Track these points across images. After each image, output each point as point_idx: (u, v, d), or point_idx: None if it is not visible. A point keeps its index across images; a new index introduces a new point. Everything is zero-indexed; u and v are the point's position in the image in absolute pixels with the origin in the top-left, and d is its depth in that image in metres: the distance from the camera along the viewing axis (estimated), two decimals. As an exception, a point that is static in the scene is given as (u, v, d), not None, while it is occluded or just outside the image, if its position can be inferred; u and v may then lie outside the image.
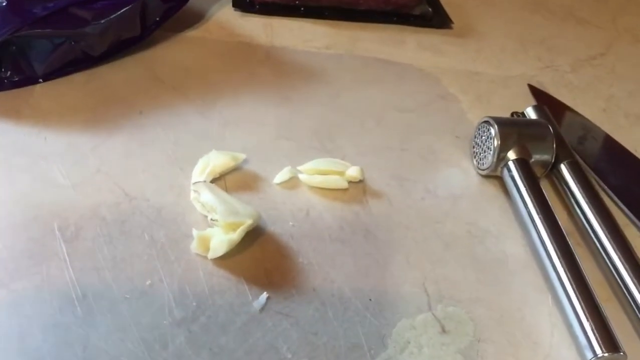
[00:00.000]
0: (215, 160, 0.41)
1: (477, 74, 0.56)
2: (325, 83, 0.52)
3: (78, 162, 0.41)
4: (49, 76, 0.46)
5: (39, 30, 0.44)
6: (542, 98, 0.54)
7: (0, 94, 0.44)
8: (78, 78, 0.47)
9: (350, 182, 0.43)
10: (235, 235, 0.36)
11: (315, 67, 0.54)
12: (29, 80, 0.45)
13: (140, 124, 0.45)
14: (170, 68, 0.50)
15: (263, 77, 0.51)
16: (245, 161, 0.43)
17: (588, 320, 0.35)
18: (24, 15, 0.43)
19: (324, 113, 0.49)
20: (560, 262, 0.37)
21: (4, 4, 0.42)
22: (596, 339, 0.34)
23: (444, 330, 0.35)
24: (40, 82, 0.46)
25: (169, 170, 0.41)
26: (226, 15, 0.58)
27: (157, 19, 0.51)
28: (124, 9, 0.47)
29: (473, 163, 0.46)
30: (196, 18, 0.56)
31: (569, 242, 0.38)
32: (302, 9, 0.60)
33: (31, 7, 0.43)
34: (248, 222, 0.36)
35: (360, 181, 0.43)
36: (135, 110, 0.46)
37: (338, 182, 0.42)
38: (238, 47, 0.54)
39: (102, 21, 0.46)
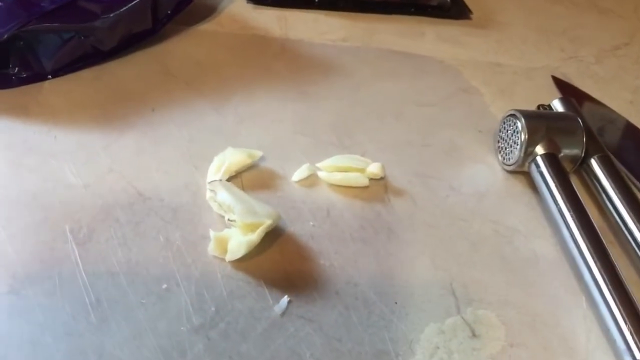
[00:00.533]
0: (231, 158, 0.39)
1: (499, 66, 0.54)
2: (342, 77, 0.50)
3: (89, 161, 0.39)
4: (57, 72, 0.45)
5: (47, 25, 0.42)
6: (567, 90, 0.52)
7: (8, 91, 0.43)
8: (87, 74, 0.46)
9: (371, 179, 0.41)
10: (255, 237, 0.34)
11: (331, 60, 0.52)
12: (37, 76, 0.44)
13: (153, 121, 0.43)
14: (182, 62, 0.49)
15: (278, 71, 0.50)
16: (262, 158, 0.41)
17: (626, 324, 0.33)
18: (31, 9, 0.41)
19: (342, 108, 0.47)
20: (595, 262, 0.36)
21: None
22: (635, 342, 0.32)
23: (474, 335, 0.33)
24: (48, 79, 0.44)
25: (183, 169, 0.40)
26: (239, 8, 0.56)
27: (169, 12, 0.49)
28: (135, 2, 0.45)
29: (498, 158, 0.44)
30: (208, 11, 0.54)
31: (603, 241, 0.37)
32: (317, 0, 0.58)
33: (39, 0, 0.42)
34: (267, 223, 0.35)
35: (382, 178, 0.41)
36: (148, 106, 0.44)
37: (358, 179, 0.41)
38: (252, 40, 0.53)
39: (112, 14, 0.44)
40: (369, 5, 0.59)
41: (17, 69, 0.43)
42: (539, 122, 0.42)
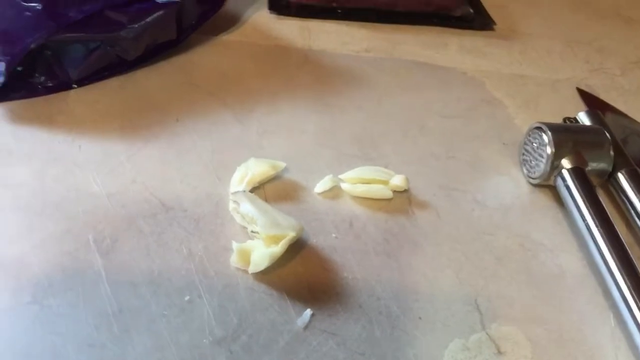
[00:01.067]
0: (254, 169, 0.39)
1: (523, 78, 0.54)
2: (365, 88, 0.50)
3: (113, 171, 0.39)
4: (83, 81, 0.45)
5: (74, 34, 0.43)
6: (592, 102, 0.52)
7: (34, 100, 0.43)
8: (112, 83, 0.46)
9: (394, 191, 0.41)
10: (278, 249, 0.34)
11: (354, 71, 0.52)
12: (63, 85, 0.44)
13: (177, 131, 0.43)
14: (206, 73, 0.49)
15: (301, 82, 0.50)
16: (285, 170, 0.41)
17: (656, 343, 0.32)
18: (59, 19, 0.42)
19: (366, 119, 0.47)
20: (623, 278, 0.35)
21: (39, 7, 0.41)
22: (666, 362, 0.31)
23: (499, 352, 0.33)
24: (74, 88, 0.45)
25: (206, 179, 0.40)
26: (262, 18, 0.56)
27: (193, 22, 0.49)
28: (160, 12, 0.45)
29: (523, 171, 0.44)
30: (232, 21, 0.55)
31: (631, 256, 0.36)
32: (339, 11, 0.58)
33: (66, 10, 0.42)
34: (291, 235, 0.34)
35: (405, 191, 0.41)
36: (172, 117, 0.44)
37: (382, 191, 0.40)
38: (275, 50, 0.53)
39: (137, 25, 0.44)
40: (392, 16, 0.59)
41: (42, 77, 0.44)
42: (566, 135, 0.42)
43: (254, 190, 0.39)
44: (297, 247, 0.36)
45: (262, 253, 0.34)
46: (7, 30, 0.41)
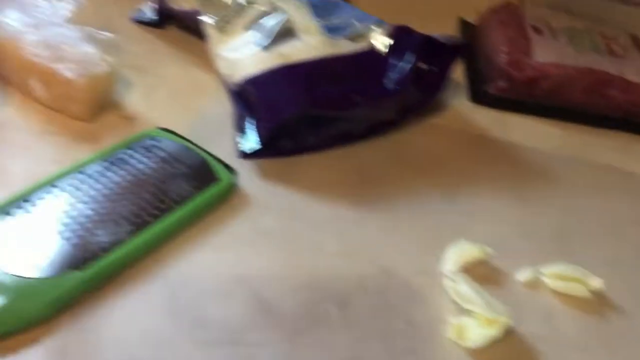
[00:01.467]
0: (465, 251, 0.44)
1: None
2: (560, 186, 0.54)
3: (343, 234, 0.46)
4: (316, 148, 0.52)
5: (322, 110, 0.50)
6: None
7: (277, 160, 0.51)
8: (338, 153, 0.53)
9: (591, 292, 0.44)
10: (494, 332, 0.38)
11: (548, 167, 0.56)
12: (300, 149, 0.52)
13: (394, 205, 0.49)
14: (415, 152, 0.55)
15: (501, 172, 0.55)
16: (489, 255, 0.45)
17: None
18: (314, 97, 0.49)
19: (562, 216, 0.51)
20: None
21: (300, 87, 0.49)
22: None
23: None
24: (308, 153, 0.52)
25: (421, 253, 0.45)
26: (463, 106, 0.62)
27: (412, 107, 0.56)
28: (389, 98, 0.52)
29: None
30: (436, 106, 0.60)
31: None
32: (533, 106, 0.63)
33: (320, 90, 0.50)
34: (506, 321, 0.39)
35: (603, 293, 0.44)
36: (389, 190, 0.50)
37: (580, 290, 0.44)
38: (475, 138, 0.58)
39: (370, 106, 0.52)
40: (585, 116, 0.62)
41: (286, 141, 0.51)
42: None
43: (464, 270, 0.44)
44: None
45: (479, 332, 0.39)
46: (272, 102, 0.50)
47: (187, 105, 0.55)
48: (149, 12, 0.62)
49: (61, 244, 0.38)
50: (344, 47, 0.53)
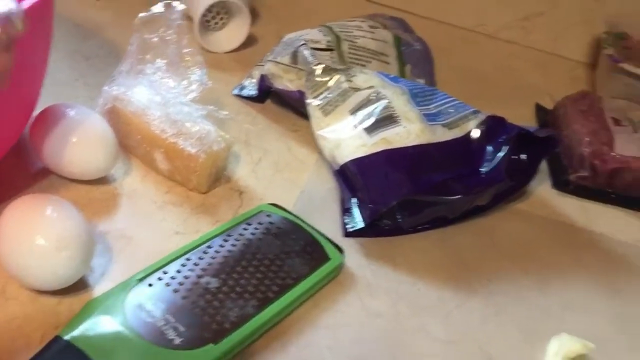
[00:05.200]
0: (567, 345, 0.46)
1: None
2: (647, 278, 0.56)
3: (447, 318, 0.48)
4: (412, 230, 0.55)
5: (424, 196, 0.53)
6: None
7: (377, 240, 0.53)
8: (434, 235, 0.55)
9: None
10: None
11: (633, 260, 0.58)
12: (398, 230, 0.54)
13: (491, 291, 0.51)
14: (505, 238, 0.57)
15: (588, 263, 0.56)
16: (591, 349, 0.47)
17: None
18: (417, 183, 0.52)
19: (653, 311, 0.52)
20: None
21: (405, 174, 0.52)
22: None
23: None
24: (406, 234, 0.55)
25: (523, 343, 0.47)
26: (546, 193, 0.64)
27: (504, 193, 0.58)
28: (487, 186, 0.55)
29: None
30: (521, 192, 0.63)
31: None
32: (613, 196, 0.65)
33: (423, 177, 0.53)
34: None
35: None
36: (484, 276, 0.52)
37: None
38: (561, 227, 0.60)
39: (470, 195, 0.54)
40: (665, 210, 0.64)
41: (386, 221, 0.54)
42: None
43: (566, 363, 0.46)
44: None
45: None
46: (377, 186, 0.52)
47: (290, 179, 0.58)
48: (250, 87, 0.66)
49: (198, 316, 0.41)
50: (442, 134, 0.56)
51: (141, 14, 0.50)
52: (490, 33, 0.93)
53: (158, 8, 0.50)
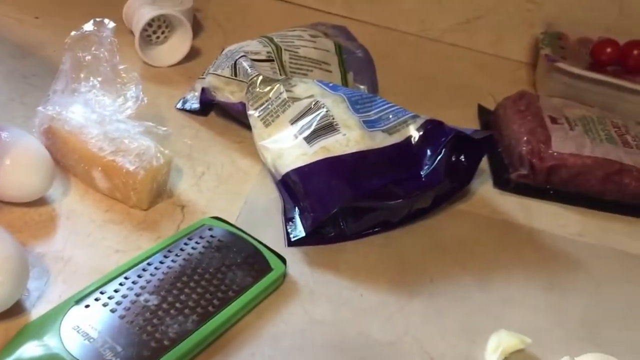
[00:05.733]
0: (506, 340, 0.47)
1: None
2: (583, 272, 0.57)
3: (389, 320, 0.49)
4: (355, 236, 0.55)
5: (364, 202, 0.54)
6: None
7: (321, 248, 0.54)
8: (377, 240, 0.56)
9: (624, 380, 0.47)
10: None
11: (572, 254, 0.59)
12: (341, 237, 0.55)
13: (432, 292, 0.52)
14: (446, 238, 0.58)
15: (528, 259, 0.58)
16: (527, 344, 0.48)
17: None
18: (357, 189, 0.53)
19: (589, 304, 0.54)
20: None
21: (344, 180, 0.53)
22: None
23: None
24: (349, 240, 0.55)
25: (464, 341, 0.48)
26: (487, 192, 0.66)
27: (445, 195, 0.59)
28: (429, 189, 0.56)
29: None
30: (463, 193, 0.64)
31: None
32: (552, 192, 0.66)
33: (363, 183, 0.53)
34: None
35: (634, 381, 0.47)
36: (426, 277, 0.53)
37: (614, 379, 0.46)
38: (502, 225, 0.62)
39: (410, 199, 0.55)
40: (602, 203, 0.66)
41: (328, 229, 0.55)
42: None
43: (505, 358, 0.47)
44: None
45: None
46: (319, 194, 0.53)
47: (234, 191, 0.58)
48: (192, 101, 0.67)
49: (137, 334, 0.41)
50: (381, 140, 0.57)
51: (73, 33, 0.50)
52: (433, 37, 0.95)
53: (89, 26, 0.50)
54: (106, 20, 0.50)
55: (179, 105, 0.67)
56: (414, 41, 0.94)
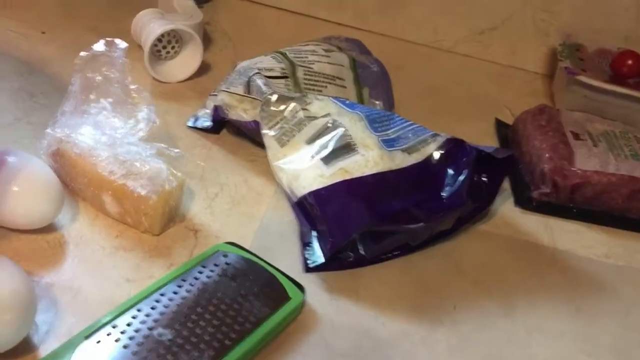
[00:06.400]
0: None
1: None
2: (611, 296, 0.55)
3: (412, 351, 0.47)
4: (375, 260, 0.53)
5: (387, 226, 0.52)
6: None
7: (340, 273, 0.52)
8: (397, 264, 0.54)
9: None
10: None
11: (598, 276, 0.57)
12: (360, 261, 0.53)
13: (456, 319, 0.50)
14: (469, 261, 0.56)
15: (553, 281, 0.56)
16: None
17: None
18: (376, 213, 0.51)
19: (619, 330, 0.52)
20: None
21: (363, 203, 0.51)
22: None
23: None
24: (368, 265, 0.53)
25: (491, 374, 0.46)
26: (509, 211, 0.63)
27: (466, 216, 0.57)
28: (451, 212, 0.54)
29: None
30: (484, 212, 0.62)
31: None
32: (575, 210, 0.64)
33: (382, 207, 0.51)
34: None
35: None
36: (449, 303, 0.51)
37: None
38: (525, 245, 0.59)
39: (431, 222, 0.53)
40: (627, 222, 0.64)
41: (347, 254, 0.53)
42: None
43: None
44: None
45: None
46: (338, 219, 0.51)
47: (248, 213, 0.56)
48: (204, 118, 0.65)
49: (150, 372, 0.39)
50: (401, 160, 0.55)
51: (82, 53, 0.48)
52: (446, 48, 0.93)
53: (99, 46, 0.48)
54: (117, 41, 0.48)
55: (190, 123, 0.65)
56: (426, 52, 0.92)
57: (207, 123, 0.64)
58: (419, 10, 0.91)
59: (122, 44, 0.48)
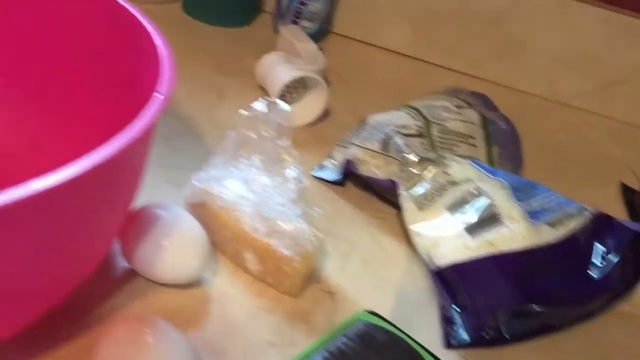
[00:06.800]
0: None
1: None
2: None
3: None
4: (515, 339, 0.51)
5: (531, 306, 0.49)
6: None
7: (480, 350, 0.50)
8: (537, 345, 0.51)
9: None
10: None
11: None
12: (500, 340, 0.50)
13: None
14: (612, 346, 0.53)
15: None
16: None
17: None
18: (526, 291, 0.49)
19: None
20: None
21: (510, 283, 0.49)
22: None
23: None
24: (508, 344, 0.51)
25: None
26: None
27: (612, 298, 0.54)
28: (602, 294, 0.51)
29: None
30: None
31: None
32: None
33: (531, 283, 0.49)
34: None
35: None
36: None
37: None
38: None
39: (582, 304, 0.50)
40: None
41: (488, 330, 0.50)
42: None
43: None
44: None
45: None
46: (484, 296, 0.49)
47: (380, 277, 0.54)
48: (331, 170, 0.63)
49: None
50: (546, 234, 0.52)
51: (242, 111, 0.48)
52: (562, 101, 0.89)
53: (260, 106, 0.47)
54: (278, 101, 0.47)
55: (316, 173, 0.64)
56: (539, 104, 0.89)
57: (335, 176, 0.63)
58: (536, 60, 0.89)
59: (285, 106, 0.48)
